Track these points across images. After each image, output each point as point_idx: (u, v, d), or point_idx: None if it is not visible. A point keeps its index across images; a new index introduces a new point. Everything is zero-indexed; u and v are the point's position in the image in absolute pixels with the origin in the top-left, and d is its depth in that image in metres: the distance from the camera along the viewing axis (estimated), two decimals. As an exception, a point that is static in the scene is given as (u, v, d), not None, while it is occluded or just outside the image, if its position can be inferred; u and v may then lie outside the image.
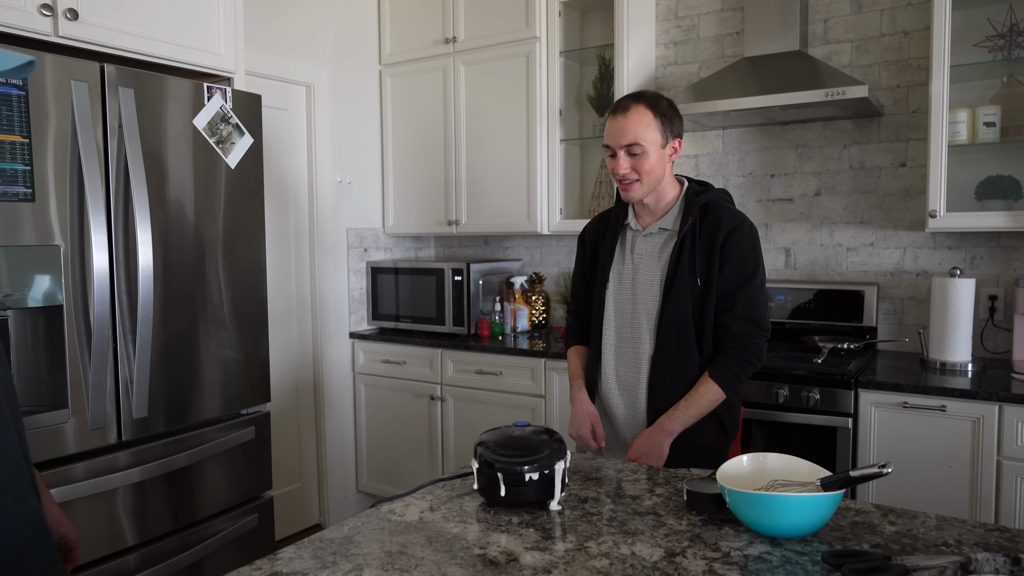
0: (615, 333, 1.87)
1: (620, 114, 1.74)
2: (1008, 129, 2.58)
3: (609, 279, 1.88)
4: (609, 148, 1.77)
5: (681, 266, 1.75)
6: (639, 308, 1.82)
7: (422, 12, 3.62)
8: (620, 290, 1.87)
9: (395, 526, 1.27)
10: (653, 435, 1.75)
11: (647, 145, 1.73)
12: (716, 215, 1.78)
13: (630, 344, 1.84)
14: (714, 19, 3.22)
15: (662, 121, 1.74)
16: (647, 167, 1.74)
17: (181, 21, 2.34)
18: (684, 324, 1.75)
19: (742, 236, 1.75)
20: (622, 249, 1.89)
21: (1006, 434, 2.19)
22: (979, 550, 1.12)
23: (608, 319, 1.88)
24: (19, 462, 1.09)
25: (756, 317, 1.75)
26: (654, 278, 1.80)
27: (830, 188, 3.03)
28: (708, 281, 1.74)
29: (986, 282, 2.73)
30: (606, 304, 1.88)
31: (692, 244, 1.75)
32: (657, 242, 1.83)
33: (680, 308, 1.74)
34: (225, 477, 2.36)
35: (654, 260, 1.82)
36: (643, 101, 1.75)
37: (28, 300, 1.89)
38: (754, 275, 1.75)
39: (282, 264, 3.40)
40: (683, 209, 1.81)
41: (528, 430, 1.42)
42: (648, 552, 1.14)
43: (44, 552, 1.12)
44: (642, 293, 1.82)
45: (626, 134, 1.73)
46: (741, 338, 1.74)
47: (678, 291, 1.74)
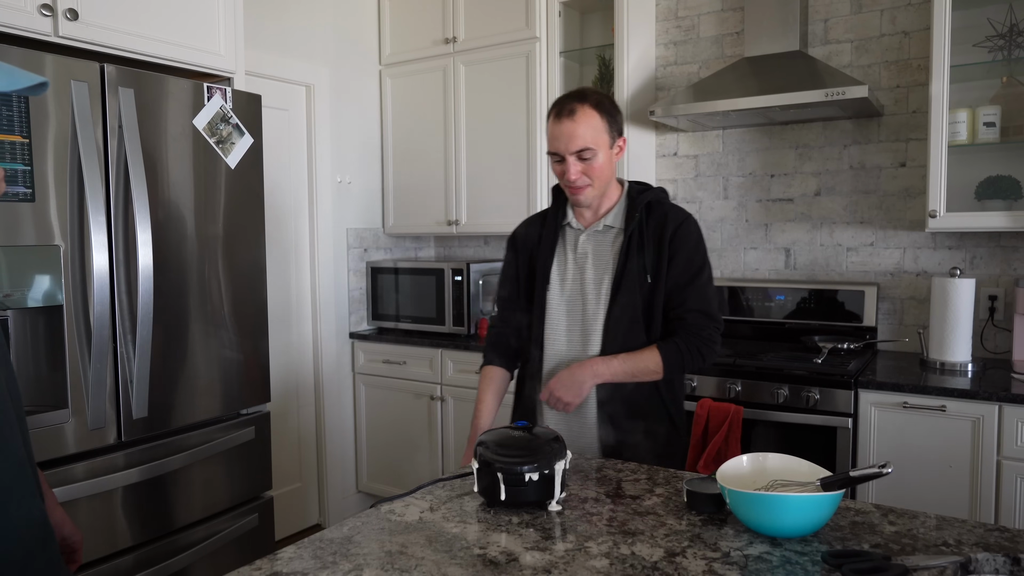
0: (563, 335, 1.78)
1: (567, 118, 1.66)
2: (1008, 129, 2.58)
3: (551, 280, 1.80)
4: (556, 154, 1.69)
5: (630, 263, 1.72)
6: (587, 307, 1.76)
7: (422, 12, 3.62)
8: (564, 291, 1.79)
9: (395, 526, 1.27)
10: (578, 371, 1.69)
11: (598, 148, 1.67)
12: (661, 211, 1.76)
13: (579, 345, 1.77)
14: (714, 19, 3.22)
15: (608, 121, 1.69)
16: (598, 170, 1.69)
17: (181, 21, 2.34)
18: (634, 321, 1.72)
19: (689, 231, 1.75)
20: (563, 249, 1.81)
21: (1006, 434, 2.19)
22: (979, 550, 1.12)
23: (552, 322, 1.79)
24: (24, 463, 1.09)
25: (709, 310, 1.75)
26: (602, 276, 1.75)
27: (830, 188, 3.03)
28: (657, 277, 1.72)
29: (986, 282, 2.73)
30: (549, 307, 1.79)
31: (640, 241, 1.73)
32: (603, 240, 1.78)
33: (630, 305, 1.71)
34: (225, 477, 2.36)
35: (601, 258, 1.76)
36: (588, 102, 1.67)
37: (28, 300, 1.89)
38: (703, 269, 1.76)
39: (282, 264, 3.40)
40: (627, 206, 1.78)
41: (528, 430, 1.42)
42: (648, 552, 1.14)
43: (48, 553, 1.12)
44: (590, 292, 1.76)
45: (575, 139, 1.65)
46: (696, 327, 1.72)
47: (628, 288, 1.71)
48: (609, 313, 1.73)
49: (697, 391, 2.65)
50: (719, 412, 2.54)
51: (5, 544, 1.04)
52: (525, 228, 1.91)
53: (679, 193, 3.36)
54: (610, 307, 1.73)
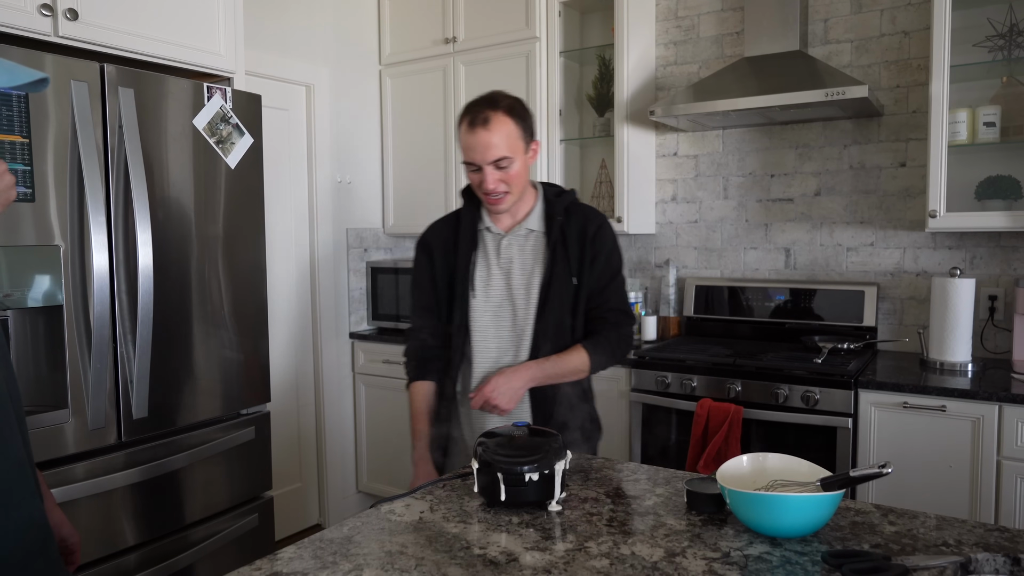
0: (492, 342, 1.76)
1: (481, 128, 1.62)
2: (1008, 129, 2.57)
3: (475, 287, 1.76)
4: (472, 164, 1.67)
5: (557, 267, 1.72)
6: (517, 313, 1.75)
7: (422, 12, 3.62)
8: (490, 297, 1.76)
9: (395, 526, 1.27)
10: (514, 377, 1.68)
11: (514, 156, 1.65)
12: (581, 213, 1.78)
13: (511, 351, 1.75)
14: (714, 19, 3.22)
15: (522, 127, 1.67)
16: (515, 177, 1.67)
17: (181, 21, 2.34)
18: (562, 324, 1.73)
19: (607, 232, 1.78)
20: (484, 254, 1.78)
21: (1006, 434, 2.19)
22: (979, 550, 1.12)
23: (480, 329, 1.76)
24: (24, 464, 1.10)
25: (627, 308, 1.80)
26: (531, 280, 1.74)
27: (830, 188, 3.03)
28: (581, 279, 1.74)
29: (986, 282, 2.73)
30: (474, 314, 1.76)
31: (564, 244, 1.74)
32: (526, 244, 1.77)
33: (559, 309, 1.72)
34: (225, 477, 2.36)
35: (527, 263, 1.75)
36: (501, 109, 1.64)
37: (28, 300, 1.89)
38: (620, 268, 1.81)
39: (282, 264, 3.40)
40: (545, 209, 1.78)
41: (528, 430, 1.42)
42: (648, 552, 1.14)
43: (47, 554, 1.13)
44: (519, 297, 1.74)
45: (492, 149, 1.63)
46: (617, 325, 1.78)
47: (556, 291, 1.72)
48: (539, 318, 1.72)
49: (697, 391, 2.65)
50: (719, 412, 2.54)
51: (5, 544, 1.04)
52: (437, 232, 1.85)
53: (679, 193, 3.36)
54: (540, 312, 1.72)
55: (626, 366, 2.83)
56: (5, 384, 1.09)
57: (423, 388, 1.82)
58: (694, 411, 2.60)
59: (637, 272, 3.49)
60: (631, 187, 3.20)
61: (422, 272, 1.84)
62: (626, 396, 2.84)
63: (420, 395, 1.82)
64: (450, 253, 1.79)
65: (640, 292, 3.27)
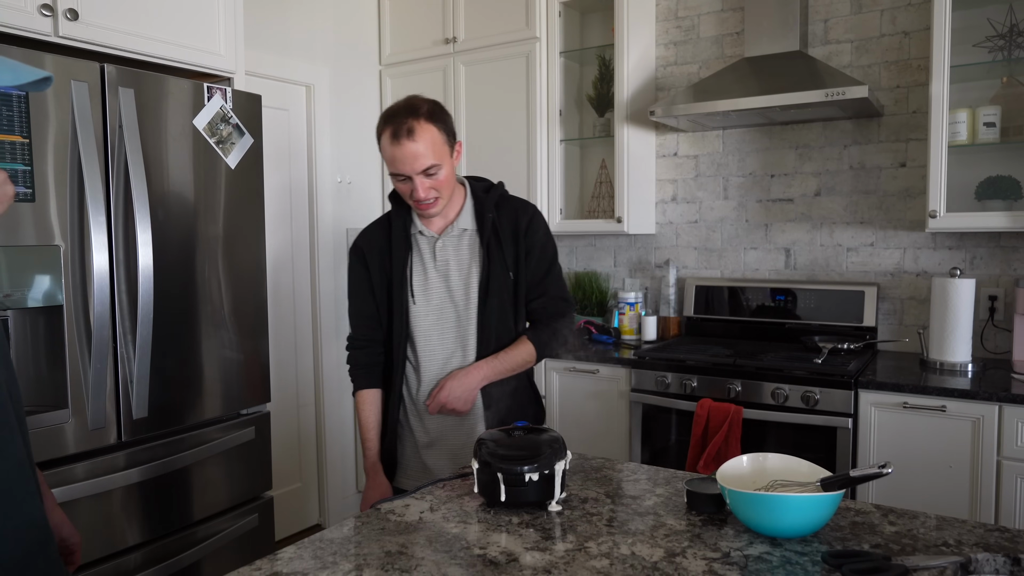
0: (437, 345, 1.75)
1: (407, 139, 1.59)
2: (1008, 129, 2.58)
3: (414, 292, 1.75)
4: (400, 175, 1.63)
5: (493, 264, 1.72)
6: (459, 314, 1.75)
7: (422, 12, 3.62)
8: (430, 301, 1.75)
9: (395, 526, 1.27)
10: (466, 378, 1.70)
11: (442, 161, 1.64)
12: (511, 207, 1.78)
13: (458, 352, 1.75)
14: (714, 19, 3.22)
15: (445, 131, 1.65)
16: (445, 182, 1.66)
17: (181, 21, 2.34)
18: (505, 319, 1.74)
19: (539, 222, 1.79)
20: (419, 258, 1.76)
21: (1006, 434, 2.19)
22: (979, 550, 1.12)
23: (423, 333, 1.75)
24: (24, 464, 1.10)
25: (566, 295, 1.83)
26: (468, 281, 1.74)
27: (830, 188, 3.03)
28: (518, 272, 1.75)
29: (986, 282, 2.73)
30: (415, 319, 1.75)
31: (498, 239, 1.74)
32: (461, 244, 1.76)
33: (499, 305, 1.73)
34: (225, 477, 2.36)
35: (463, 263, 1.75)
36: (422, 116, 1.61)
37: (28, 300, 1.89)
38: (555, 257, 1.82)
39: (282, 264, 3.40)
40: (474, 206, 1.77)
41: (528, 430, 1.42)
42: (648, 552, 1.14)
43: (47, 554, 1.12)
44: (459, 298, 1.74)
45: (419, 158, 1.60)
46: (558, 313, 1.80)
47: (495, 288, 1.72)
48: (481, 316, 1.73)
49: (697, 391, 2.65)
50: (719, 412, 2.54)
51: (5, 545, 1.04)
52: (370, 238, 1.81)
53: (679, 193, 3.36)
54: (481, 310, 1.73)
55: (626, 366, 2.84)
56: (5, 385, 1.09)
57: (370, 396, 1.82)
58: (694, 411, 2.60)
59: (637, 272, 3.49)
60: (631, 187, 3.20)
61: (359, 279, 1.82)
62: (626, 396, 2.84)
63: (368, 404, 1.82)
64: (385, 259, 1.78)
65: (640, 292, 3.27)
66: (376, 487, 1.78)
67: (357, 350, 1.83)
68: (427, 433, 1.79)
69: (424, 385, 1.77)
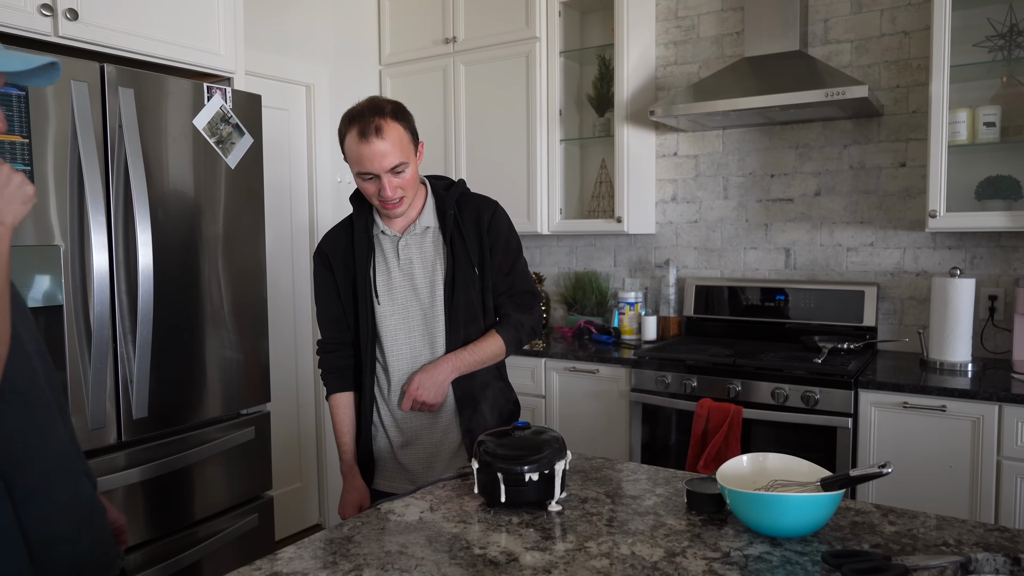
0: (405, 345, 1.75)
1: (376, 137, 1.58)
2: (1008, 129, 2.58)
3: (379, 293, 1.74)
4: (367, 174, 1.62)
5: (458, 260, 1.72)
6: (425, 313, 1.74)
7: (422, 12, 3.62)
8: (395, 300, 1.74)
9: (395, 526, 1.27)
10: (435, 372, 1.70)
11: (408, 160, 1.64)
12: (472, 203, 1.78)
13: (426, 350, 1.75)
14: (714, 19, 3.22)
15: (409, 130, 1.66)
16: (410, 181, 1.66)
17: (181, 21, 2.34)
18: (472, 315, 1.74)
19: (502, 217, 1.80)
20: (383, 258, 1.76)
21: (1006, 434, 2.19)
22: (979, 550, 1.12)
23: (390, 334, 1.75)
24: (68, 446, 1.19)
25: (533, 288, 1.84)
26: (433, 279, 1.74)
27: (830, 188, 3.03)
28: (483, 268, 1.75)
29: (986, 282, 2.73)
30: (382, 320, 1.75)
31: (461, 236, 1.74)
32: (424, 242, 1.75)
33: (465, 302, 1.73)
34: (225, 477, 2.36)
35: (427, 261, 1.74)
36: (388, 115, 1.61)
37: (28, 300, 1.89)
38: (520, 251, 1.83)
39: (282, 264, 3.40)
40: (436, 204, 1.77)
41: (528, 430, 1.42)
42: (648, 552, 1.14)
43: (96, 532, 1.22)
44: (424, 297, 1.74)
45: (387, 156, 1.60)
46: (527, 308, 1.81)
47: (461, 284, 1.72)
48: (448, 314, 1.73)
49: (697, 391, 2.65)
50: (719, 412, 2.54)
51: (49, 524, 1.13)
52: (333, 241, 1.81)
53: (679, 193, 3.36)
54: (447, 308, 1.73)
55: (626, 366, 2.84)
56: (43, 374, 1.17)
57: (344, 399, 1.82)
58: (694, 411, 2.60)
59: (637, 272, 3.49)
60: (631, 187, 3.20)
61: (325, 283, 1.81)
62: (626, 396, 2.84)
63: (342, 407, 1.82)
64: (348, 262, 1.77)
65: (640, 292, 3.27)
66: (355, 490, 1.78)
67: (328, 354, 1.84)
68: (402, 433, 1.78)
69: (395, 384, 1.76)
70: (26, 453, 1.11)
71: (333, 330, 1.83)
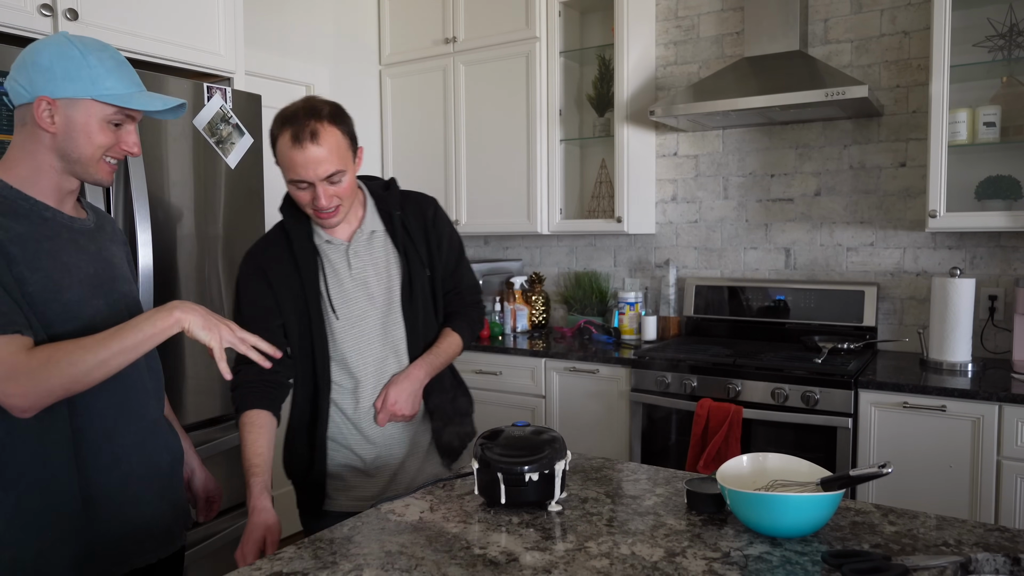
0: (368, 356, 1.64)
1: (310, 143, 1.46)
2: (1008, 129, 2.58)
3: (334, 306, 1.62)
4: (301, 182, 1.50)
5: (412, 262, 1.67)
6: (383, 319, 1.65)
7: (422, 12, 3.62)
8: (351, 311, 1.62)
9: (395, 526, 1.27)
10: (407, 382, 1.63)
11: (346, 168, 1.52)
12: (414, 202, 1.74)
13: (390, 357, 1.66)
14: (714, 19, 3.22)
15: (348, 134, 1.54)
16: (348, 189, 1.54)
17: (181, 21, 2.34)
18: (428, 316, 1.71)
19: (443, 214, 1.77)
20: (332, 269, 1.63)
21: (1006, 434, 2.19)
22: (979, 550, 1.12)
23: (350, 347, 1.63)
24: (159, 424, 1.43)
25: (477, 284, 1.84)
26: (391, 284, 1.66)
27: (830, 188, 3.03)
28: (433, 267, 1.72)
29: (986, 282, 2.73)
30: (340, 335, 1.62)
31: (411, 238, 1.70)
32: (373, 246, 1.66)
33: (422, 303, 1.69)
34: (225, 477, 2.35)
35: (379, 267, 1.66)
36: (326, 118, 1.49)
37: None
38: (463, 246, 1.82)
39: (282, 264, 3.40)
40: (377, 206, 1.70)
41: (528, 430, 1.42)
42: (648, 552, 1.14)
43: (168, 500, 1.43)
44: (380, 303, 1.65)
45: (323, 164, 1.48)
46: (475, 304, 1.82)
47: (417, 287, 1.67)
48: (407, 317, 1.67)
49: (697, 391, 2.65)
50: (719, 412, 2.54)
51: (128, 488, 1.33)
52: (269, 255, 1.64)
53: (679, 193, 3.36)
54: (407, 311, 1.67)
55: (626, 366, 2.84)
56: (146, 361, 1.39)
57: (258, 417, 1.56)
58: (694, 411, 2.60)
59: (637, 272, 3.49)
60: (631, 187, 3.20)
61: (260, 295, 1.62)
62: (626, 396, 2.84)
63: (263, 427, 1.56)
64: (292, 277, 1.62)
65: (640, 292, 3.27)
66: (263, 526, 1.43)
67: (252, 364, 1.50)
68: (372, 445, 1.67)
69: (364, 400, 1.65)
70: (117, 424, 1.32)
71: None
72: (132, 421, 1.35)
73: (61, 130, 1.25)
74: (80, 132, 1.26)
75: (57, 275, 1.25)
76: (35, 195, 1.27)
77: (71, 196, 1.34)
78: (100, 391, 1.28)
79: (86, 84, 1.24)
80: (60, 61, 1.24)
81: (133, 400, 1.36)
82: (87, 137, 1.26)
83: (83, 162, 1.28)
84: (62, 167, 1.28)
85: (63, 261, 1.27)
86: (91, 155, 1.28)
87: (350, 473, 1.69)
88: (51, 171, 1.28)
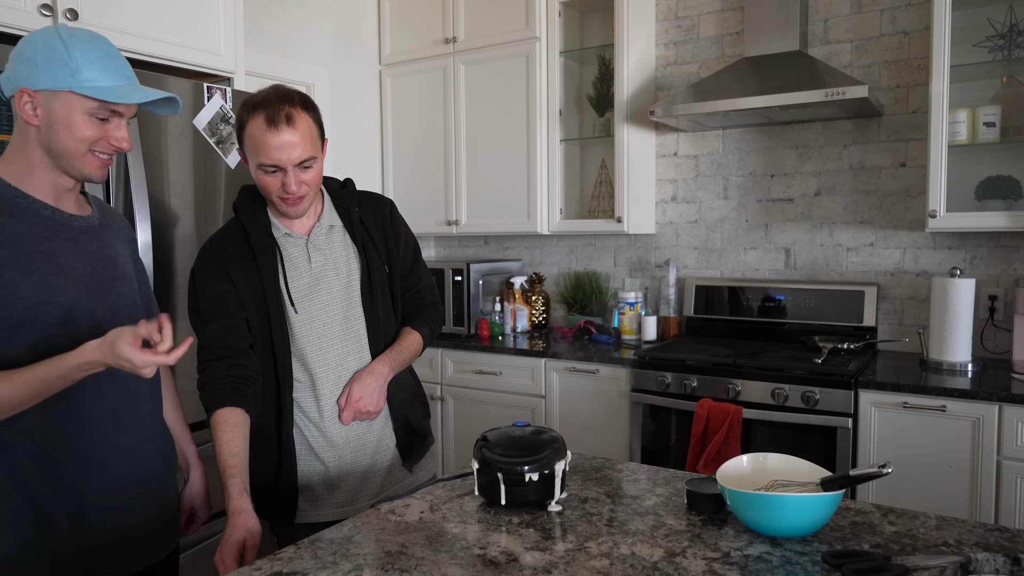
0: (330, 353, 1.61)
1: (286, 127, 1.45)
2: (1008, 129, 2.58)
3: (294, 301, 1.59)
4: (272, 167, 1.47)
5: (371, 258, 1.66)
6: (344, 314, 1.62)
7: (422, 12, 3.62)
8: (312, 307, 1.60)
9: (395, 526, 1.27)
10: (371, 379, 1.60)
11: (317, 155, 1.52)
12: (370, 200, 1.73)
13: (351, 354, 1.63)
14: (714, 19, 3.22)
15: (318, 123, 1.54)
16: (316, 177, 1.53)
17: (181, 21, 2.34)
18: (388, 313, 1.70)
19: (398, 214, 1.77)
20: (291, 263, 1.60)
21: (1006, 434, 2.19)
22: (979, 550, 1.12)
23: (310, 342, 1.59)
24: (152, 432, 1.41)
25: (433, 283, 1.84)
26: (350, 279, 1.64)
27: (830, 188, 3.03)
28: (392, 264, 1.71)
29: (986, 282, 2.74)
30: (300, 331, 1.59)
31: (369, 234, 1.68)
32: (332, 240, 1.65)
33: (382, 299, 1.68)
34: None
35: (338, 262, 1.63)
36: (298, 104, 1.49)
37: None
38: (419, 247, 1.82)
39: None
40: (334, 202, 1.68)
41: (528, 430, 1.42)
42: (648, 552, 1.14)
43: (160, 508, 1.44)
44: (339, 298, 1.62)
45: (297, 149, 1.47)
46: (432, 302, 1.82)
47: (377, 283, 1.66)
48: (368, 313, 1.65)
49: (697, 391, 2.65)
50: (719, 412, 2.54)
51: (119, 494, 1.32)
52: (228, 249, 1.60)
53: (679, 193, 3.36)
54: (367, 307, 1.65)
55: (626, 366, 2.84)
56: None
57: (232, 416, 1.49)
58: (694, 411, 2.60)
59: (637, 272, 3.50)
60: (631, 187, 3.20)
61: (222, 292, 1.56)
62: (626, 396, 2.84)
63: (236, 424, 1.49)
64: (251, 271, 1.58)
65: (640, 292, 3.27)
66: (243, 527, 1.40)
67: (219, 360, 1.51)
68: (335, 448, 1.63)
69: (325, 399, 1.61)
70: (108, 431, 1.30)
71: (231, 335, 1.55)
72: (124, 428, 1.34)
73: (44, 123, 1.22)
74: (61, 125, 1.22)
75: (52, 278, 1.23)
76: (32, 192, 1.25)
77: (70, 193, 1.31)
78: (92, 398, 1.27)
79: (65, 75, 1.20)
80: (42, 52, 1.20)
81: (125, 407, 1.34)
82: (68, 130, 1.22)
83: (67, 156, 1.24)
84: (50, 163, 1.25)
85: (59, 263, 1.25)
86: (74, 149, 1.24)
87: (319, 482, 1.64)
88: (42, 167, 1.25)
